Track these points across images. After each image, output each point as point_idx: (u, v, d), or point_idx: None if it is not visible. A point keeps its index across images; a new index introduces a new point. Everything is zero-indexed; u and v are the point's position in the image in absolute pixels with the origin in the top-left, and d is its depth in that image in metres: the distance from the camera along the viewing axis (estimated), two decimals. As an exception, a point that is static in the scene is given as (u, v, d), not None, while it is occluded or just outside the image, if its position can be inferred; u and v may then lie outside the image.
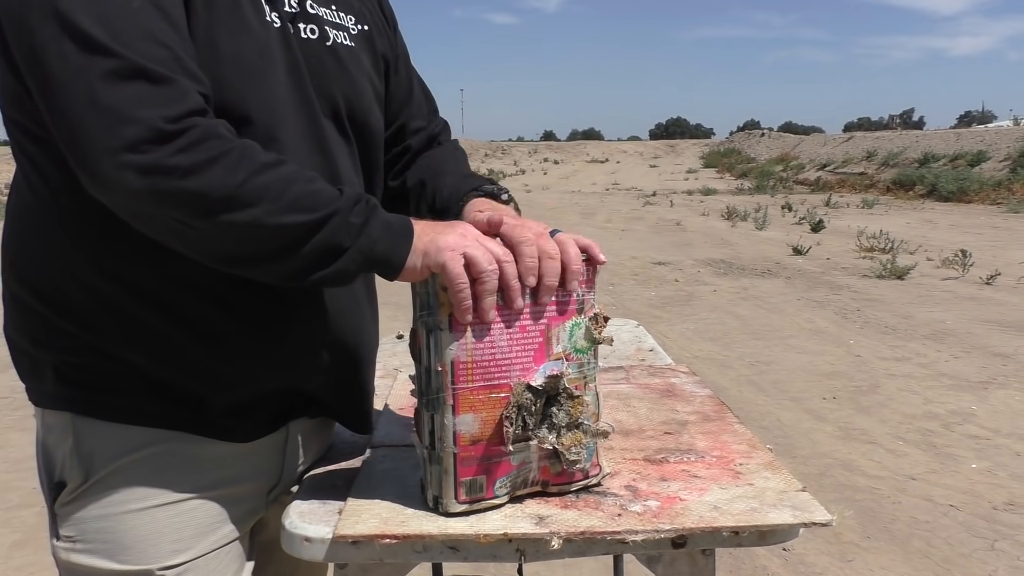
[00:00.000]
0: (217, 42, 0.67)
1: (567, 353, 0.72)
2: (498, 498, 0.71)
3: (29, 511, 2.36)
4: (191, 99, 0.60)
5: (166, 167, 0.58)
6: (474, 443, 0.69)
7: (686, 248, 8.17)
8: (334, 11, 0.80)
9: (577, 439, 0.72)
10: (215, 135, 0.60)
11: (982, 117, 71.10)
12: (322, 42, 0.77)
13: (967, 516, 2.34)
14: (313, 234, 0.63)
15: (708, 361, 3.98)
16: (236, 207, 0.60)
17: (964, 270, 6.24)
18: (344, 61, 0.79)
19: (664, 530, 0.67)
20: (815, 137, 30.21)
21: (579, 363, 0.73)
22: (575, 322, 0.72)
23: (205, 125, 0.60)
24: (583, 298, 0.73)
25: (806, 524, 0.69)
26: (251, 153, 0.62)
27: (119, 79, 0.58)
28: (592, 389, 0.74)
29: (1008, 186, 13.15)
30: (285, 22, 0.74)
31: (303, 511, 0.73)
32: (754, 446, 0.87)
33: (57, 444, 0.74)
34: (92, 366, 0.72)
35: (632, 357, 1.32)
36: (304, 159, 0.73)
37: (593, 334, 0.73)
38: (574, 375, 0.72)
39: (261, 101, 0.70)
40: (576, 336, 0.73)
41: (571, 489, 0.74)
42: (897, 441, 2.95)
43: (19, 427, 3.06)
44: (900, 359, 4.01)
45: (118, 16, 0.59)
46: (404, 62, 0.94)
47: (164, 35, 0.61)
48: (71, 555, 0.74)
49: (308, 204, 0.63)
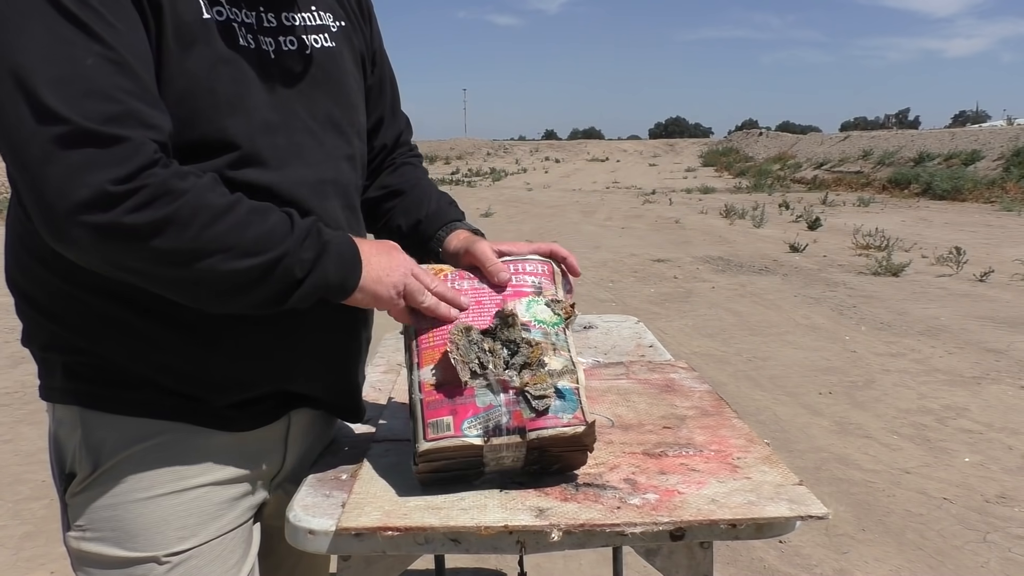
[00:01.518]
0: (192, 74, 0.68)
1: (528, 321, 0.77)
2: (468, 437, 0.72)
3: (39, 503, 2.37)
4: (141, 155, 0.61)
5: (117, 229, 0.60)
6: (438, 388, 0.74)
7: (685, 246, 8.19)
8: (314, 12, 0.81)
9: (539, 379, 0.73)
10: (165, 191, 0.61)
11: (976, 117, 71.22)
12: (301, 52, 0.78)
13: (960, 509, 2.36)
14: (268, 274, 0.67)
15: (706, 357, 3.99)
16: (190, 260, 0.63)
17: (958, 267, 6.27)
18: (325, 65, 0.80)
19: (662, 523, 0.69)
20: (812, 136, 30.21)
21: (543, 331, 0.77)
22: (532, 299, 0.80)
23: (156, 182, 0.61)
24: (540, 285, 0.81)
25: (803, 517, 0.70)
26: (203, 203, 0.63)
27: (69, 145, 0.59)
28: (564, 356, 0.76)
29: (1002, 185, 13.19)
30: (260, 42, 0.74)
31: (307, 504, 0.74)
32: (752, 440, 0.89)
33: (67, 437, 0.76)
34: (97, 364, 0.73)
35: (632, 353, 1.33)
36: (291, 174, 0.74)
37: (555, 310, 0.79)
38: (538, 338, 0.76)
39: (241, 128, 0.71)
40: (535, 309, 0.79)
41: (551, 434, 0.72)
42: (892, 435, 2.97)
43: (29, 421, 3.06)
44: (895, 355, 4.03)
45: (71, 77, 0.60)
46: (380, 55, 0.94)
47: (117, 90, 0.61)
48: (81, 543, 0.75)
49: (261, 247, 0.66)
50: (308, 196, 0.76)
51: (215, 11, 0.71)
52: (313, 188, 0.77)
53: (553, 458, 0.75)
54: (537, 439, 0.72)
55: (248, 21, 0.74)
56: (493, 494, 0.75)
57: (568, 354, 0.77)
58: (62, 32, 0.61)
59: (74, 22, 0.61)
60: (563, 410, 0.73)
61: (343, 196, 0.82)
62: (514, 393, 0.73)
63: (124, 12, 0.64)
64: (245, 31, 0.73)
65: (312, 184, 0.76)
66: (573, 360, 0.76)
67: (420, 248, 0.93)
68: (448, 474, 0.74)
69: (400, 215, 0.95)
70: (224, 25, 0.71)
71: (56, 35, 0.61)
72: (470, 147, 45.01)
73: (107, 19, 0.62)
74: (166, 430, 0.75)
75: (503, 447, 0.72)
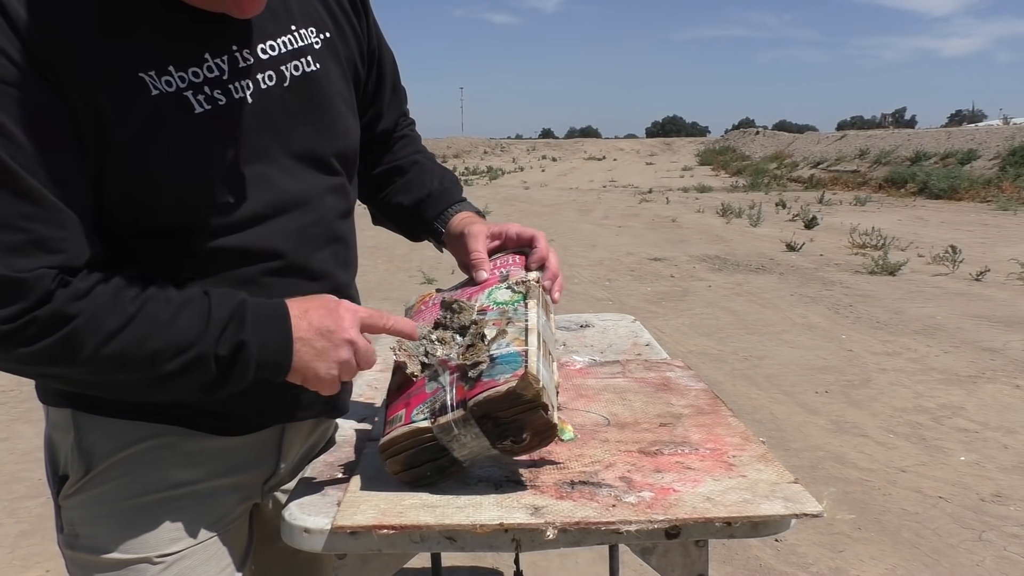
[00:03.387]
0: (143, 157, 0.65)
1: (485, 306, 0.79)
2: (416, 422, 0.72)
3: (35, 501, 2.37)
4: (35, 291, 0.60)
5: (18, 360, 0.62)
6: (399, 389, 0.77)
7: (681, 244, 8.20)
8: (294, 33, 0.76)
9: (476, 351, 0.73)
10: (54, 322, 0.61)
11: (972, 116, 71.42)
12: (280, 85, 0.74)
13: (956, 507, 2.37)
14: (181, 377, 0.65)
15: (703, 355, 4.00)
16: (94, 378, 0.65)
17: (954, 266, 6.29)
18: (306, 93, 0.76)
19: (658, 521, 0.69)
20: (809, 135, 30.28)
21: (501, 311, 0.78)
22: (495, 287, 0.82)
23: (45, 315, 0.60)
24: (508, 273, 0.84)
25: (798, 515, 0.70)
26: (95, 326, 0.62)
27: None
28: (518, 326, 0.76)
29: (998, 184, 13.24)
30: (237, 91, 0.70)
31: (302, 503, 0.74)
32: (747, 439, 0.89)
33: (61, 439, 0.76)
34: None
35: (628, 352, 1.33)
36: (269, 229, 0.73)
37: (515, 288, 0.81)
38: (495, 317, 0.77)
39: (200, 201, 0.69)
40: (495, 295, 0.81)
41: (486, 395, 0.69)
42: (888, 434, 2.98)
43: (25, 419, 3.06)
44: (891, 354, 4.04)
45: None
46: (379, 48, 0.91)
47: (19, 217, 0.60)
48: (74, 545, 0.75)
49: (168, 355, 0.64)
50: (289, 248, 0.75)
51: (164, 82, 0.66)
52: (294, 237, 0.75)
53: (512, 426, 0.70)
54: (476, 406, 0.69)
55: (212, 76, 0.69)
56: (489, 492, 0.75)
57: (524, 323, 0.76)
58: None
59: None
60: (501, 372, 0.71)
61: (327, 234, 0.79)
62: (456, 371, 0.73)
63: (38, 126, 0.60)
64: (209, 89, 0.68)
65: (293, 232, 0.75)
66: (528, 327, 0.75)
67: (423, 228, 0.94)
68: (423, 467, 0.73)
69: (401, 193, 0.95)
70: (175, 97, 0.67)
71: None
72: (467, 146, 44.98)
73: (12, 135, 0.59)
74: (158, 433, 0.75)
75: (452, 425, 0.70)
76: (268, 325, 0.68)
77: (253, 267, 0.73)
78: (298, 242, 0.75)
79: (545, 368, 0.73)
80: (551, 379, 0.75)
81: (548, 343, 0.79)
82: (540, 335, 0.75)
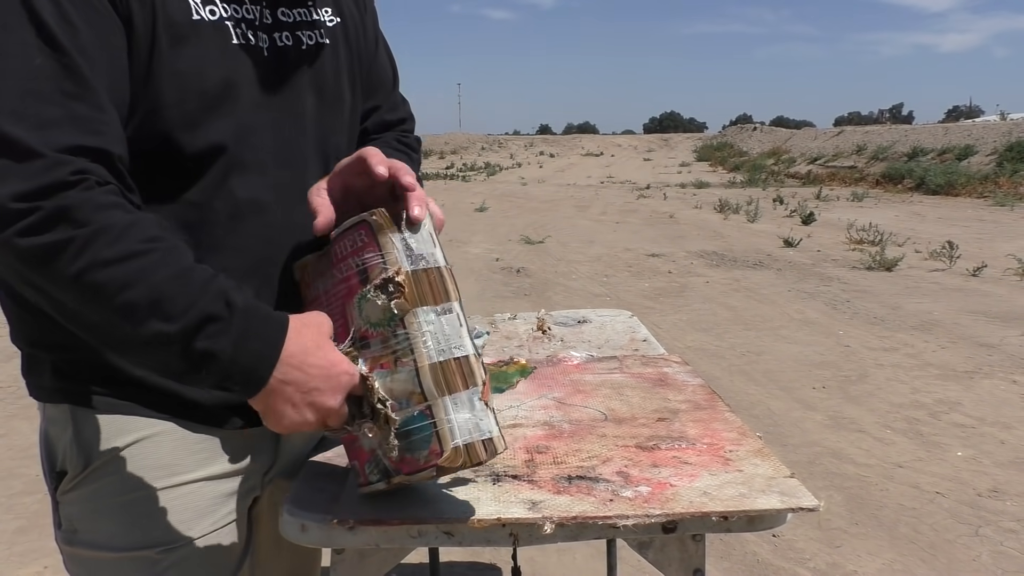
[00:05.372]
0: (186, 76, 0.67)
1: (363, 329, 0.66)
2: (374, 484, 0.69)
3: (32, 498, 2.37)
4: (55, 173, 0.57)
5: (8, 248, 0.56)
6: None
7: (679, 240, 8.20)
8: (310, 7, 0.79)
9: (379, 430, 0.65)
10: (65, 218, 0.57)
11: (970, 112, 71.49)
12: (297, 47, 0.76)
13: (952, 503, 2.38)
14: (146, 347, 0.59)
15: (700, 351, 4.01)
16: (70, 297, 0.58)
17: (951, 262, 6.30)
18: (319, 62, 0.79)
19: (655, 515, 0.69)
20: (806, 131, 30.29)
21: (382, 338, 0.65)
22: (360, 295, 0.66)
23: (57, 205, 0.56)
24: (364, 266, 0.66)
25: (793, 509, 0.71)
26: (102, 242, 0.57)
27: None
28: (408, 364, 0.64)
29: (995, 180, 13.25)
30: (253, 39, 0.72)
31: (301, 498, 0.74)
32: (744, 434, 0.89)
33: (58, 435, 0.75)
34: (84, 362, 0.73)
35: (626, 347, 1.33)
36: (273, 176, 0.74)
37: (380, 304, 0.64)
38: (379, 351, 0.65)
39: (227, 129, 0.70)
40: (364, 309, 0.65)
41: (419, 477, 0.66)
42: (885, 430, 2.99)
43: (23, 416, 3.05)
44: (888, 349, 4.05)
45: (14, 75, 0.58)
46: (375, 40, 0.91)
47: (59, 94, 0.58)
48: (73, 541, 0.75)
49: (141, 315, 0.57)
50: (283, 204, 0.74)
51: (207, 10, 0.70)
52: (292, 194, 0.75)
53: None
54: (412, 482, 0.67)
55: (249, 17, 0.72)
56: (486, 487, 0.75)
57: (411, 358, 0.64)
58: (15, 27, 0.58)
59: (32, 18, 0.59)
60: (418, 447, 0.64)
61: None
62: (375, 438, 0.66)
63: (95, 16, 0.62)
64: (245, 27, 0.72)
65: (291, 188, 0.75)
66: (417, 366, 0.64)
67: None
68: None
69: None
70: (216, 25, 0.70)
71: (8, 29, 0.58)
72: (465, 142, 44.92)
73: (70, 18, 0.60)
74: (157, 427, 0.74)
75: (403, 484, 0.68)
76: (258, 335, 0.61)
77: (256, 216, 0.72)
78: (290, 199, 0.75)
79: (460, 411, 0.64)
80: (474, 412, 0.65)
81: (451, 351, 0.65)
82: (435, 368, 0.64)
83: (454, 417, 0.64)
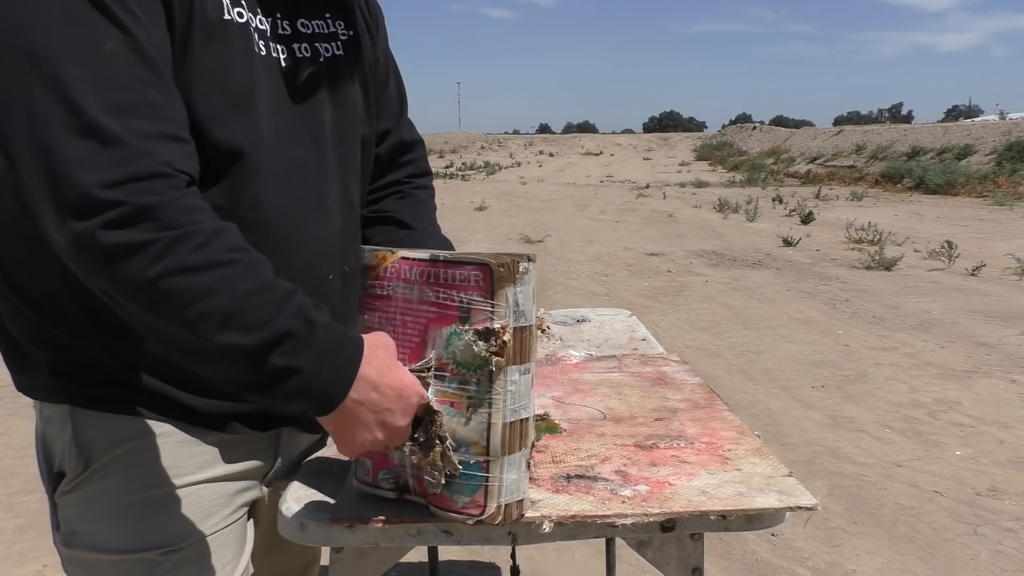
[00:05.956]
0: (213, 74, 0.67)
1: (443, 362, 0.65)
2: (382, 489, 0.70)
3: (32, 496, 2.36)
4: (141, 163, 0.56)
5: (88, 240, 0.55)
6: None
7: (678, 239, 8.20)
8: (327, 19, 0.80)
9: (433, 459, 0.64)
10: (151, 217, 0.55)
11: (969, 111, 71.53)
12: (315, 59, 0.77)
13: (951, 502, 2.38)
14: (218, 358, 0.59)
15: (699, 350, 4.01)
16: (141, 298, 0.57)
17: (950, 261, 6.31)
18: (335, 75, 0.79)
19: (653, 514, 0.69)
20: (805, 131, 30.30)
21: (461, 379, 0.64)
22: (453, 330, 0.64)
23: (143, 203, 0.55)
24: (468, 306, 0.64)
25: (792, 508, 0.71)
26: (187, 247, 0.56)
27: (74, 136, 0.55)
28: (482, 416, 0.63)
29: (994, 179, 13.26)
30: (273, 49, 0.73)
31: (300, 496, 0.74)
32: (742, 433, 0.89)
33: (56, 435, 0.75)
34: (84, 362, 0.72)
35: (625, 346, 1.33)
36: (288, 188, 0.73)
37: (476, 350, 0.63)
38: (450, 390, 0.64)
39: (248, 134, 0.70)
40: (454, 345, 0.64)
41: (449, 517, 0.66)
42: (884, 429, 2.99)
43: (22, 414, 3.05)
44: (887, 348, 4.05)
45: (87, 60, 0.57)
46: (384, 61, 0.91)
47: (134, 79, 0.58)
48: (72, 543, 0.74)
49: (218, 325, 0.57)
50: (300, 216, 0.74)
51: (236, 12, 0.70)
52: (309, 206, 0.75)
53: None
54: (437, 516, 0.68)
55: (262, 28, 0.72)
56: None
57: (487, 411, 0.63)
58: (79, 13, 0.58)
59: (95, 3, 0.58)
60: (461, 492, 0.65)
61: (344, 213, 0.80)
62: (415, 461, 0.67)
63: (148, 3, 0.62)
64: (258, 37, 0.72)
65: (308, 200, 0.75)
66: (491, 422, 0.63)
67: None
68: None
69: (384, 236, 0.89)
70: (242, 28, 0.70)
71: (72, 15, 0.57)
72: (464, 141, 44.88)
73: (129, 6, 0.60)
74: (157, 429, 0.74)
75: (416, 502, 0.69)
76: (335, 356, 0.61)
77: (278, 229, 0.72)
78: (311, 212, 0.76)
79: (510, 471, 0.65)
80: (520, 473, 0.66)
81: (520, 412, 0.65)
82: (505, 428, 0.64)
83: (505, 477, 0.65)
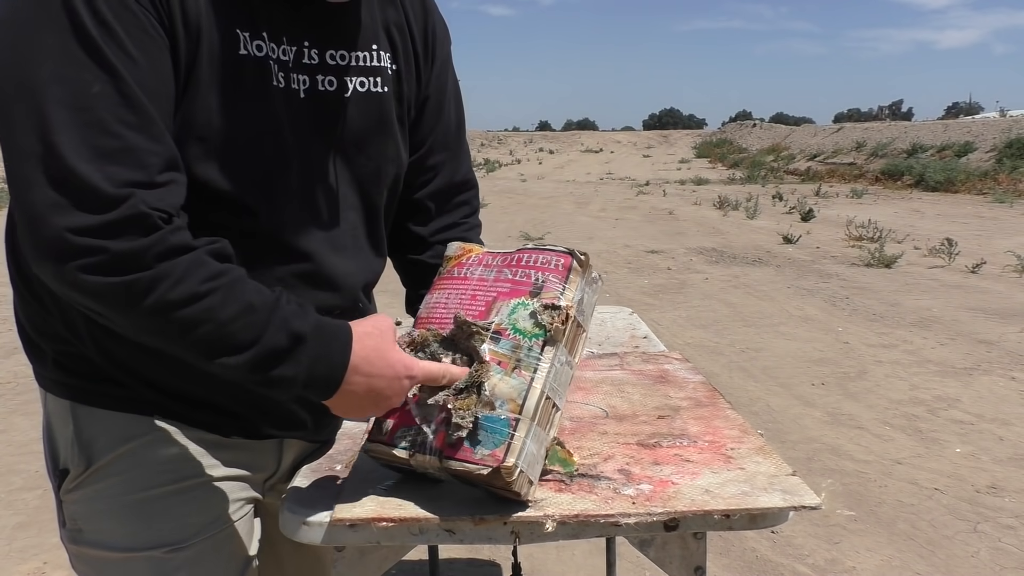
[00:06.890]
0: (215, 112, 0.66)
1: (502, 327, 0.70)
2: (396, 448, 0.70)
3: (32, 494, 2.37)
4: (118, 211, 0.57)
5: (68, 279, 0.57)
6: None
7: (678, 237, 8.20)
8: (373, 51, 0.77)
9: (466, 404, 0.67)
10: (131, 262, 0.57)
11: (969, 108, 71.43)
12: (340, 93, 0.74)
13: (951, 499, 2.38)
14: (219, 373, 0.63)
15: (700, 348, 4.01)
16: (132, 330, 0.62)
17: (950, 259, 6.31)
18: (365, 110, 0.76)
19: (656, 513, 0.69)
20: (805, 128, 30.29)
21: (515, 343, 0.69)
22: (521, 301, 0.71)
23: (122, 249, 0.57)
24: (542, 284, 0.71)
25: (796, 508, 0.70)
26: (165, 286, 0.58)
27: (49, 178, 0.56)
28: (524, 377, 0.68)
29: (994, 176, 13.26)
30: (293, 80, 0.71)
31: (301, 495, 0.74)
32: (745, 431, 0.89)
33: (59, 430, 0.75)
34: (85, 359, 0.72)
35: (626, 344, 1.33)
36: (301, 223, 0.73)
37: (540, 319, 0.69)
38: (504, 352, 0.69)
39: (246, 176, 0.69)
40: (518, 314, 0.70)
41: (461, 468, 0.67)
42: (884, 426, 2.99)
43: (23, 411, 3.05)
44: (887, 346, 4.05)
45: (73, 102, 0.57)
46: (437, 97, 0.87)
47: (118, 123, 0.58)
48: (78, 540, 0.75)
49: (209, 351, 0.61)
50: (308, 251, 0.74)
51: (255, 45, 0.68)
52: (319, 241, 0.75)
53: (484, 487, 0.69)
54: (449, 468, 0.68)
55: (284, 59, 0.70)
56: (487, 485, 0.74)
57: (530, 375, 0.68)
58: (74, 53, 0.58)
59: (88, 44, 0.58)
60: (481, 444, 0.66)
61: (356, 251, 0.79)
62: (444, 412, 0.68)
63: (148, 41, 0.61)
64: (277, 68, 0.70)
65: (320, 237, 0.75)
66: (531, 385, 0.68)
67: None
68: (400, 471, 0.73)
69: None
70: (259, 62, 0.68)
71: (67, 54, 0.58)
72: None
73: (125, 46, 0.60)
74: (160, 427, 0.74)
75: (427, 465, 0.69)
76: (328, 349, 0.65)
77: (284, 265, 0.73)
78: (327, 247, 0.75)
79: (534, 442, 0.68)
80: (539, 453, 0.69)
81: (556, 395, 0.70)
82: (542, 396, 0.68)
83: (529, 443, 0.67)
